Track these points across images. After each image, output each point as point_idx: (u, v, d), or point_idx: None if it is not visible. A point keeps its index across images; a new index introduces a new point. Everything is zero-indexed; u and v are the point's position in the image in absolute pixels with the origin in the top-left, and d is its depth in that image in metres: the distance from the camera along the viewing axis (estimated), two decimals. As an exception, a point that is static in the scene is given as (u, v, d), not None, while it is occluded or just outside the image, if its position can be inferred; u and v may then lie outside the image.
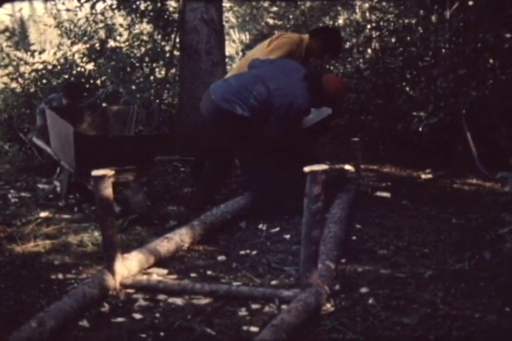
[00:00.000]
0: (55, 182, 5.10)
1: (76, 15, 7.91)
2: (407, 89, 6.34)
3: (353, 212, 4.35)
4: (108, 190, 2.99)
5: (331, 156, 6.35)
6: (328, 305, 2.84)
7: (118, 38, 7.83)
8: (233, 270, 3.37)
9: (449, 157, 5.87)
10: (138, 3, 7.21)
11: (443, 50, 5.94)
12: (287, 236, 3.92)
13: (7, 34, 7.81)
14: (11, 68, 7.17)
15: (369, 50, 7.64)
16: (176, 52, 7.24)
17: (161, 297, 2.98)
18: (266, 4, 9.96)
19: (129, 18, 7.77)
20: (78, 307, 2.72)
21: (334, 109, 4.65)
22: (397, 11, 7.29)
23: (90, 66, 7.22)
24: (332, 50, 4.98)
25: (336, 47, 4.98)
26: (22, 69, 7.06)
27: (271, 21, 10.06)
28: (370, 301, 2.88)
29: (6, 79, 7.16)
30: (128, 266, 3.14)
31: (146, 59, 7.39)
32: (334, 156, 6.35)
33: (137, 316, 2.78)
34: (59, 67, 6.93)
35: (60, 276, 3.25)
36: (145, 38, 7.69)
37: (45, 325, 2.46)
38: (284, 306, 2.78)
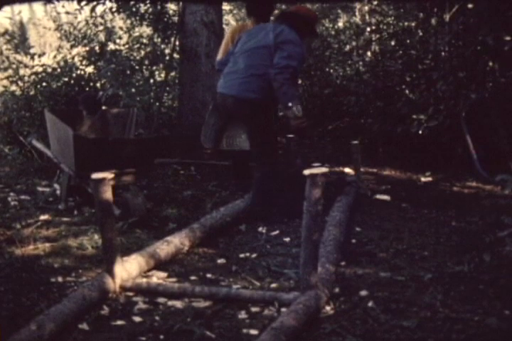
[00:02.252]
0: (55, 185, 5.10)
1: (76, 18, 7.92)
2: (407, 91, 6.34)
3: (353, 214, 4.36)
4: (108, 193, 2.99)
5: (330, 159, 6.36)
6: (328, 308, 2.84)
7: (118, 40, 7.83)
8: (233, 273, 3.37)
9: (449, 160, 5.87)
10: (138, 6, 7.21)
11: (443, 53, 5.96)
12: (287, 239, 3.92)
13: (7, 37, 7.81)
14: (10, 71, 7.16)
15: (369, 53, 7.67)
16: (176, 55, 7.25)
17: (161, 300, 2.97)
18: (266, 7, 9.93)
19: (129, 21, 7.79)
20: (78, 310, 2.72)
21: (314, 32, 4.61)
22: (397, 13, 7.31)
23: (90, 69, 7.21)
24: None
25: None
26: (22, 72, 7.05)
27: (271, 24, 10.04)
28: (370, 304, 2.88)
29: (5, 82, 7.15)
30: (128, 269, 3.14)
31: (146, 62, 7.38)
32: (334, 159, 6.36)
33: (137, 319, 2.77)
34: (59, 70, 6.91)
35: (60, 279, 3.25)
36: (145, 40, 7.70)
37: (44, 327, 2.46)
38: (283, 309, 2.78)
